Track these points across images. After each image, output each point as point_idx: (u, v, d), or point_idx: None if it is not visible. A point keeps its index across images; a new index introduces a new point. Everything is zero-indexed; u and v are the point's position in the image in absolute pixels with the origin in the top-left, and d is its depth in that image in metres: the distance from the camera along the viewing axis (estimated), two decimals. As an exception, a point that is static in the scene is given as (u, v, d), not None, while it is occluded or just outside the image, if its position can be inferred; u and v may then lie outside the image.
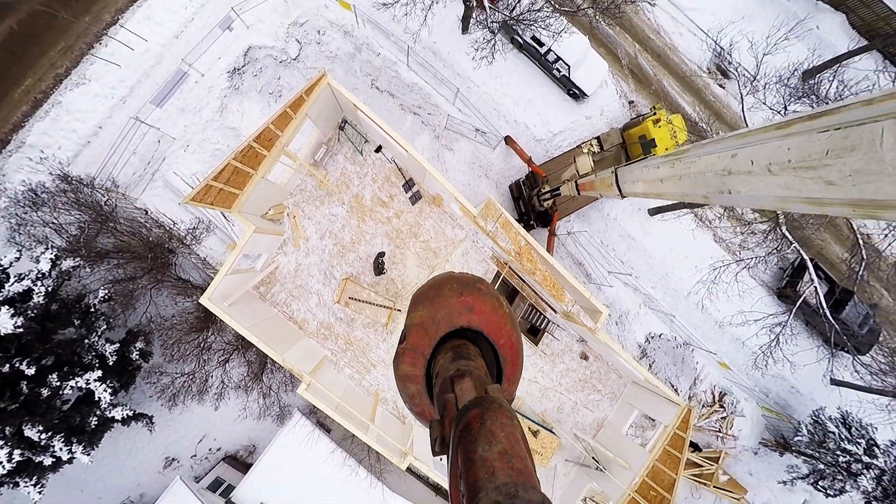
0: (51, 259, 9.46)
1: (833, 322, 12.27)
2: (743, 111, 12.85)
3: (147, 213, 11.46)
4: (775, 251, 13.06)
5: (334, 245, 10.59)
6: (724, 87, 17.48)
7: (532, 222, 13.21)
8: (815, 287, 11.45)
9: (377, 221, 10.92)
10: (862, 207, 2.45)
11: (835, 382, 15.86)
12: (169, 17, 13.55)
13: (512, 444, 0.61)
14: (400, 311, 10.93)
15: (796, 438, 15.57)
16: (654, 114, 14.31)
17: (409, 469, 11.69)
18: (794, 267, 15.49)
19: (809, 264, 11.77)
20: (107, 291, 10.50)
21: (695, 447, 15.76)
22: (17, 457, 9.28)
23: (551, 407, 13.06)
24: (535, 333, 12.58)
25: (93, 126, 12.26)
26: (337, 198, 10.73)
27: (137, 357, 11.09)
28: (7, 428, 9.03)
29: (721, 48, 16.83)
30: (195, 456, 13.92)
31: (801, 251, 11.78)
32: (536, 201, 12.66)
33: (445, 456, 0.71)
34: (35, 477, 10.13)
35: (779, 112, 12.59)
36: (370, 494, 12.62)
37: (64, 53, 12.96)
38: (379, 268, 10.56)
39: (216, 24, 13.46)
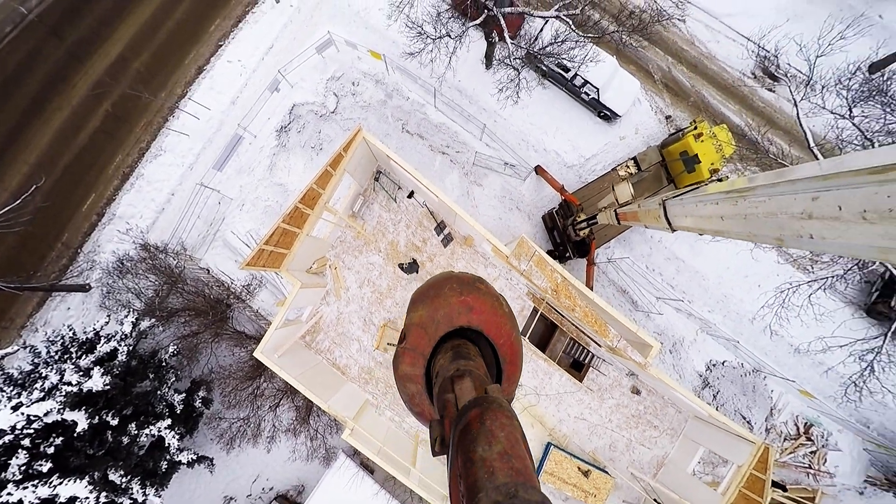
0: (132, 322, 10.88)
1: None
2: (798, 118, 11.77)
3: (209, 272, 12.84)
4: (856, 267, 11.55)
5: (372, 293, 11.09)
6: (774, 91, 16.18)
7: (568, 253, 12.87)
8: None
9: (412, 265, 11.31)
10: None
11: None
12: (227, 84, 15.39)
13: (512, 444, 0.61)
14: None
15: (912, 479, 13.24)
16: (695, 127, 13.55)
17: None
18: (885, 280, 13.53)
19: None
20: (176, 346, 11.83)
21: (779, 486, 13.93)
22: (103, 499, 10.34)
23: (602, 445, 12.30)
24: (578, 368, 12.06)
25: (167, 194, 14.10)
26: (374, 246, 11.30)
27: (200, 405, 12.22)
28: (95, 472, 10.24)
29: (766, 52, 15.67)
30: (250, 495, 14.76)
31: (890, 266, 10.31)
32: (572, 231, 12.36)
33: (445, 456, 0.71)
34: None
35: (843, 116, 11.32)
36: (416, 535, 12.52)
37: (145, 129, 15.15)
38: (412, 267, 10.74)
39: (265, 86, 15.04)
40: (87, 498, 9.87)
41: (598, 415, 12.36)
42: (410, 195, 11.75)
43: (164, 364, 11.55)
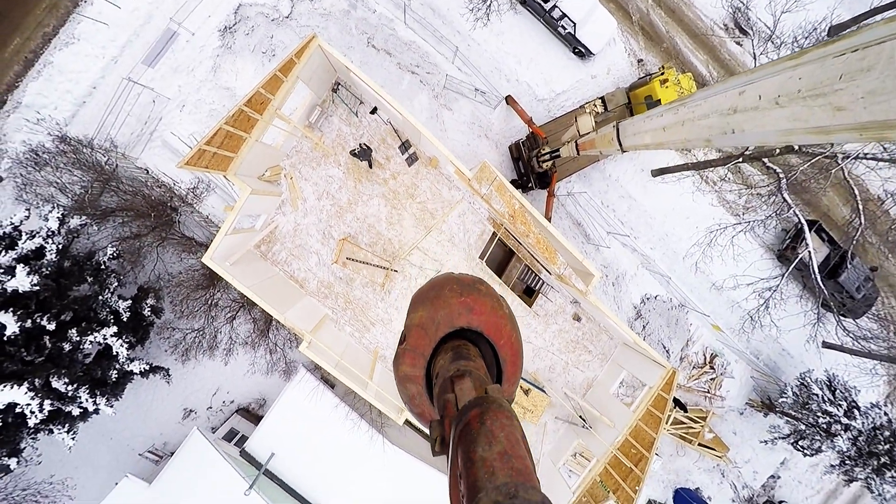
0: (58, 217, 9.79)
1: (822, 285, 12.35)
2: (755, 70, 12.27)
3: (148, 172, 11.64)
4: (775, 214, 12.94)
5: (332, 206, 10.74)
6: (741, 45, 16.56)
7: (531, 184, 13.14)
8: (810, 251, 11.44)
9: (374, 182, 10.98)
10: (869, 130, 2.54)
11: (826, 345, 16.15)
12: (154, -29, 12.97)
13: (512, 444, 0.61)
14: (396, 271, 11.20)
15: (781, 400, 16.07)
16: (662, 73, 13.75)
17: (407, 423, 12.43)
18: (798, 229, 15.34)
19: (806, 227, 11.69)
20: (115, 249, 10.91)
21: (681, 406, 16.44)
22: (48, 406, 10.03)
23: (543, 367, 13.57)
24: (529, 294, 12.88)
25: (87, 86, 12.17)
26: (333, 159, 10.74)
27: (149, 313, 11.67)
28: (36, 379, 9.75)
29: (740, 2, 15.78)
30: (210, 408, 14.93)
31: (799, 214, 11.66)
32: (536, 162, 12.54)
33: (445, 456, 0.71)
34: (67, 425, 11.03)
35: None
36: (371, 446, 13.47)
37: (49, 11, 12.61)
38: (364, 154, 10.53)
39: (203, -20, 12.89)
40: (28, 404, 9.43)
41: (543, 339, 13.46)
42: (373, 111, 11.10)
43: (103, 267, 10.71)
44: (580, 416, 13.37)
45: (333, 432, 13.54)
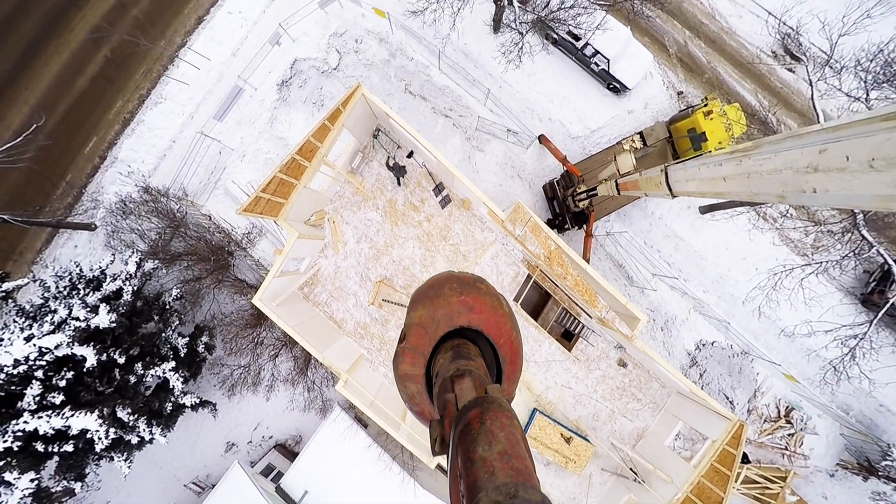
0: (136, 262, 11.12)
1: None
2: (812, 99, 11.44)
3: (210, 218, 12.99)
4: (852, 254, 11.50)
5: (370, 248, 11.16)
6: (793, 72, 15.63)
7: (567, 224, 12.84)
8: (903, 296, 9.92)
9: (409, 225, 11.31)
10: None
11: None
12: (228, 35, 15.05)
13: (512, 444, 0.61)
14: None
15: (885, 463, 13.64)
16: (706, 105, 13.20)
17: (438, 467, 11.97)
18: (885, 270, 13.47)
19: (895, 268, 10.22)
20: (179, 290, 12.10)
21: (746, 460, 14.38)
22: (112, 434, 10.85)
23: (586, 414, 12.64)
24: (568, 338, 12.25)
25: (168, 141, 14.09)
26: (372, 203, 11.28)
27: (203, 350, 12.59)
28: (105, 408, 10.68)
29: (789, 28, 15.04)
30: (251, 442, 15.41)
31: (884, 254, 10.25)
32: (571, 202, 12.29)
33: (445, 456, 0.71)
34: (125, 453, 11.84)
35: (857, 99, 10.97)
36: (402, 490, 13.05)
37: (145, 76, 14.96)
38: (398, 170, 10.75)
39: (266, 40, 14.69)
40: (97, 431, 10.32)
41: (584, 384, 12.63)
42: (410, 155, 11.63)
43: (168, 307, 11.89)
44: (630, 469, 12.15)
45: (365, 473, 13.34)
